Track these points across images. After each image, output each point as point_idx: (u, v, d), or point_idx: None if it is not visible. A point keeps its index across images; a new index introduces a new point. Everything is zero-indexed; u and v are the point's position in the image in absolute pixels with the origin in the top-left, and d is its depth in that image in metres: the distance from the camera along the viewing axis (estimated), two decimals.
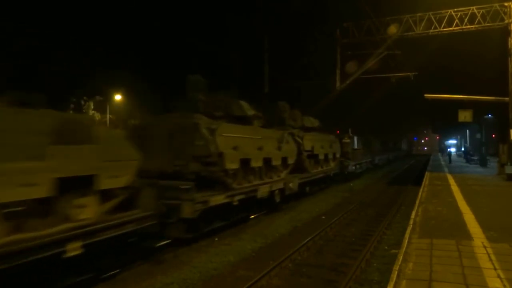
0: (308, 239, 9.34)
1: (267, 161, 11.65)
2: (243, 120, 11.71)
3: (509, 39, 17.98)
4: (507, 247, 6.27)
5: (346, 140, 24.06)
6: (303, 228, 11.23)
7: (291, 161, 13.56)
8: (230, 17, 21.15)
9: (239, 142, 10.07)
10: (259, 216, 12.39)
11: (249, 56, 21.15)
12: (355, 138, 28.45)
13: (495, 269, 5.25)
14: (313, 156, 16.33)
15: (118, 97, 30.63)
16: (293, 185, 13.52)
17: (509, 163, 17.65)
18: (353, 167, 24.74)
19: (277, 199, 12.59)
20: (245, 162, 10.34)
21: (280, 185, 12.61)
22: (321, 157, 17.53)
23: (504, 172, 17.82)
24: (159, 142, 9.26)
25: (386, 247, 9.20)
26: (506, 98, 18.54)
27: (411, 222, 8.34)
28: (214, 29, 20.75)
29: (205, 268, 7.58)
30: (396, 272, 5.11)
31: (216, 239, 9.69)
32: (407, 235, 7.11)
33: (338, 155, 20.82)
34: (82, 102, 27.15)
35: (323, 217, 12.91)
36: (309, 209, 14.21)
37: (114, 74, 22.03)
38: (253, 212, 12.12)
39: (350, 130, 27.90)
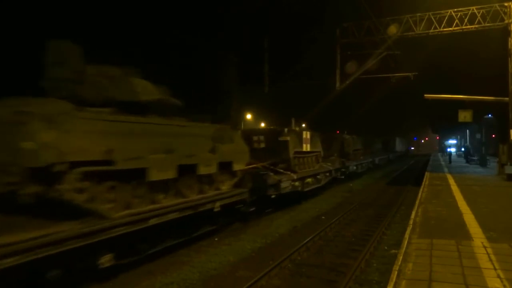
0: (308, 239, 9.35)
1: None
2: None
3: (509, 39, 17.97)
4: (507, 247, 6.27)
5: (285, 138, 14.27)
6: (303, 228, 11.25)
7: None
8: (230, 17, 21.16)
9: None
10: (260, 216, 12.31)
11: (249, 56, 21.16)
12: (305, 135, 16.19)
13: (495, 269, 5.25)
14: (122, 173, 6.54)
15: None
16: None
17: (509, 163, 17.64)
18: (295, 183, 13.91)
19: None
20: None
21: None
22: (159, 175, 7.22)
23: (504, 172, 17.81)
24: None
25: (385, 247, 9.22)
26: (506, 98, 18.53)
27: (411, 222, 8.33)
28: (214, 29, 20.76)
29: (205, 268, 7.59)
30: (396, 272, 5.11)
31: (216, 239, 9.70)
32: (407, 235, 7.11)
33: (239, 166, 10.61)
34: None
35: (323, 217, 12.93)
36: (309, 209, 14.23)
37: None
38: None
39: (293, 121, 17.41)
